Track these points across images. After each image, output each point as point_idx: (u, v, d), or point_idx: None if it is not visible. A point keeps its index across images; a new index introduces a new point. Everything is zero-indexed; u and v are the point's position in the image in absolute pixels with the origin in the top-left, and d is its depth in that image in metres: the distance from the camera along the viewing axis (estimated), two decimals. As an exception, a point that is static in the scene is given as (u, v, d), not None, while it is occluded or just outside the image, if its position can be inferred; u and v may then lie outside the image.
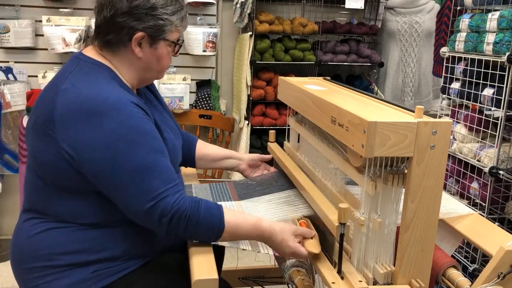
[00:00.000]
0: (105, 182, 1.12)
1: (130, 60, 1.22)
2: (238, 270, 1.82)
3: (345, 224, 1.05)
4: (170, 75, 2.83)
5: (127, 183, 1.10)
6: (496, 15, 2.08)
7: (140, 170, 1.10)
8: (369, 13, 3.19)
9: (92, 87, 1.13)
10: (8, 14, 2.63)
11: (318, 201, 1.22)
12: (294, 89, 1.45)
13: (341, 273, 1.07)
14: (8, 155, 2.62)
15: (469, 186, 2.29)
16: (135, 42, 1.19)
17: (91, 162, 1.10)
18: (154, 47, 1.23)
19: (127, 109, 1.12)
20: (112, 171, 1.10)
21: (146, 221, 1.13)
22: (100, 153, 1.09)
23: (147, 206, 1.10)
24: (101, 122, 1.09)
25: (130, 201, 1.11)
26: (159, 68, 1.28)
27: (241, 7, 2.74)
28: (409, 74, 3.20)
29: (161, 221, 1.11)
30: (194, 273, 1.08)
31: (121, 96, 1.14)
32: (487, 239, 1.18)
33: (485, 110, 2.28)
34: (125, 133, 1.10)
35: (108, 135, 1.09)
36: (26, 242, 1.20)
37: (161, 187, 1.12)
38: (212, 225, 1.15)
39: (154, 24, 1.19)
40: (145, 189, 1.10)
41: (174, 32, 1.25)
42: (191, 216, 1.13)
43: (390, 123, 0.95)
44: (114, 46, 1.21)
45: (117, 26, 1.18)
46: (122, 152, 1.10)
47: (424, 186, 1.00)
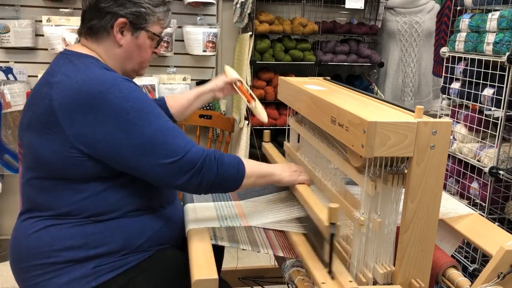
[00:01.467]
0: (127, 158, 1.14)
1: (113, 49, 1.25)
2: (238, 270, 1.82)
3: (335, 224, 1.04)
4: (170, 75, 2.83)
5: (152, 149, 1.13)
6: (496, 15, 2.08)
7: (158, 133, 1.14)
8: (369, 13, 3.19)
9: (86, 73, 1.15)
10: (8, 14, 2.63)
11: (310, 201, 1.22)
12: (294, 89, 1.45)
13: (332, 273, 1.06)
14: (8, 155, 2.62)
15: (469, 186, 2.29)
16: (117, 28, 1.23)
17: (108, 143, 1.12)
18: (136, 36, 1.26)
19: (125, 84, 1.16)
20: (132, 142, 1.13)
21: (182, 174, 1.16)
22: (114, 131, 1.12)
23: (178, 162, 1.14)
24: (104, 102, 1.11)
25: (159, 163, 1.14)
26: (139, 59, 1.30)
27: (241, 7, 2.74)
28: (409, 74, 3.20)
29: (195, 170, 1.16)
30: (194, 273, 1.08)
31: (115, 75, 1.19)
32: (487, 239, 1.18)
33: (485, 110, 2.28)
34: (132, 105, 1.13)
35: (116, 112, 1.12)
36: (25, 241, 1.20)
37: (182, 142, 1.17)
38: (235, 161, 1.24)
39: (136, 11, 1.23)
40: (169, 148, 1.15)
41: (156, 25, 1.29)
42: (219, 157, 1.20)
43: (390, 123, 0.95)
44: (97, 32, 1.24)
45: (101, 11, 1.22)
46: (135, 122, 1.13)
47: (424, 186, 1.00)
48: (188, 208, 1.40)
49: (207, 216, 1.34)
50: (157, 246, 1.28)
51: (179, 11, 2.82)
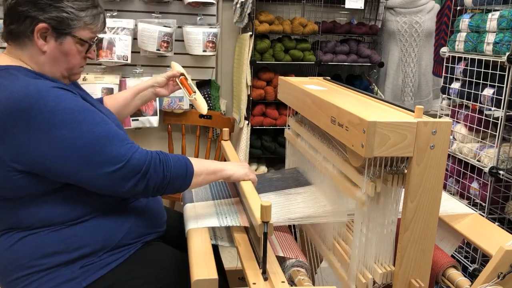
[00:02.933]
0: (67, 171, 1.10)
1: (36, 55, 1.18)
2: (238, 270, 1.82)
3: (268, 222, 1.03)
4: (170, 75, 2.83)
5: (88, 162, 1.09)
6: (496, 15, 2.08)
7: (94, 144, 1.09)
8: (369, 13, 3.19)
9: (8, 89, 1.08)
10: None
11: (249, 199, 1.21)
12: (294, 89, 1.45)
13: (266, 273, 1.06)
14: None
15: (469, 186, 2.29)
16: (37, 33, 1.15)
17: (43, 160, 1.08)
18: (60, 42, 1.18)
19: (51, 95, 1.09)
20: (68, 158, 1.08)
21: (126, 181, 1.11)
22: (47, 148, 1.07)
23: (120, 170, 1.10)
24: (32, 119, 1.06)
25: (100, 176, 1.10)
26: (66, 66, 1.22)
27: (241, 7, 2.74)
28: (409, 74, 3.20)
29: (137, 176, 1.11)
30: (194, 273, 1.08)
31: (38, 85, 1.10)
32: (487, 239, 1.18)
33: (485, 110, 2.28)
34: (61, 118, 1.07)
35: (46, 128, 1.06)
36: (4, 256, 1.18)
37: (122, 149, 1.11)
38: (181, 162, 1.19)
39: (56, 16, 1.15)
40: (107, 158, 1.09)
41: (84, 30, 1.21)
42: (164, 160, 1.16)
43: (390, 123, 0.95)
44: (18, 37, 1.17)
45: (20, 15, 1.15)
46: (68, 136, 1.07)
47: (424, 186, 1.00)
48: (188, 208, 1.40)
49: (207, 216, 1.34)
50: (140, 237, 1.27)
51: (179, 11, 2.82)
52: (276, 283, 1.02)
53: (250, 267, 1.11)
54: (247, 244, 1.21)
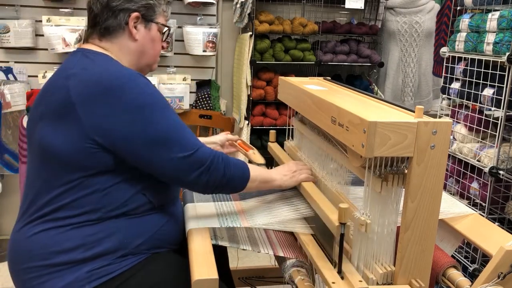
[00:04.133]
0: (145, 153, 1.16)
1: (128, 44, 1.29)
2: (238, 270, 1.82)
3: (345, 224, 1.05)
4: (170, 75, 2.83)
5: (165, 143, 1.16)
6: (496, 15, 2.08)
7: (170, 129, 1.18)
8: (369, 13, 3.19)
9: (104, 66, 1.20)
10: (8, 14, 2.63)
11: (318, 201, 1.22)
12: (294, 89, 1.45)
13: (341, 273, 1.07)
14: (8, 155, 2.62)
15: (469, 186, 2.29)
16: (131, 22, 1.27)
17: (124, 138, 1.14)
18: (148, 28, 1.31)
19: (141, 80, 1.19)
20: (148, 139, 1.15)
21: (192, 171, 1.19)
22: (129, 126, 1.14)
23: (189, 158, 1.17)
24: (120, 96, 1.14)
25: (174, 157, 1.17)
26: (153, 52, 1.34)
27: (241, 7, 2.74)
28: (409, 74, 3.20)
29: (204, 168, 1.19)
30: (194, 273, 1.08)
31: (130, 71, 1.21)
32: (487, 239, 1.18)
33: (485, 110, 2.28)
34: (145, 101, 1.16)
35: (130, 106, 1.14)
36: (23, 244, 1.20)
37: (192, 139, 1.21)
38: (241, 165, 1.28)
39: (146, 4, 1.29)
40: (182, 142, 1.18)
41: (161, 16, 1.34)
42: (224, 158, 1.24)
43: (390, 123, 0.95)
44: (113, 31, 1.28)
45: (114, 10, 1.26)
46: (148, 117, 1.15)
47: (424, 186, 1.00)
48: (188, 208, 1.40)
49: (208, 216, 1.34)
50: (154, 249, 1.27)
51: (179, 11, 2.82)
52: (354, 282, 1.03)
53: (324, 266, 1.11)
54: (315, 244, 1.22)
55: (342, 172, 1.24)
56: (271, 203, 1.41)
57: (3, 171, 2.65)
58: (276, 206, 1.39)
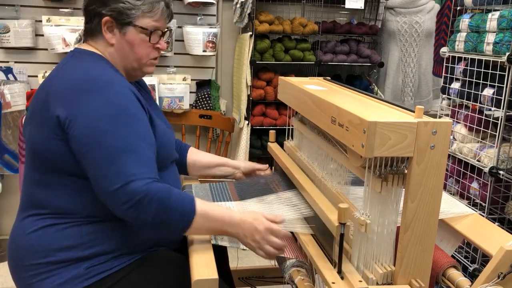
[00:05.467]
0: (84, 159, 1.13)
1: (107, 49, 1.27)
2: (238, 270, 1.82)
3: (345, 224, 1.05)
4: (170, 75, 2.83)
5: (102, 162, 1.11)
6: (496, 15, 2.08)
7: (118, 149, 1.11)
8: (369, 13, 3.19)
9: (84, 68, 1.20)
10: (8, 14, 2.63)
11: (318, 201, 1.22)
12: (294, 89, 1.45)
13: (341, 273, 1.07)
14: (8, 155, 2.62)
15: (469, 186, 2.29)
16: (104, 27, 1.25)
17: (75, 137, 1.13)
18: (123, 32, 1.26)
19: (116, 88, 1.16)
20: (91, 148, 1.11)
21: (115, 203, 1.11)
22: (84, 130, 1.12)
23: (116, 186, 1.09)
24: (90, 99, 1.13)
25: (101, 180, 1.11)
26: (134, 56, 1.28)
27: (241, 7, 2.74)
28: (409, 74, 3.20)
29: (129, 203, 1.09)
30: (194, 273, 1.08)
31: (112, 77, 1.19)
32: (487, 239, 1.18)
33: (485, 110, 2.28)
34: (110, 112, 1.13)
35: (94, 113, 1.12)
36: (23, 240, 1.20)
37: (134, 169, 1.10)
38: (183, 207, 1.14)
39: (115, 7, 1.23)
40: (118, 169, 1.10)
41: (144, 18, 1.26)
42: (162, 198, 1.11)
43: (390, 123, 0.95)
44: (93, 34, 1.28)
45: (90, 14, 1.26)
46: (104, 129, 1.12)
47: (424, 186, 1.00)
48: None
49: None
50: (152, 248, 1.27)
51: (179, 11, 2.82)
52: (354, 282, 1.02)
53: (324, 266, 1.11)
54: (315, 244, 1.22)
55: (342, 172, 1.24)
56: (271, 203, 1.41)
57: (3, 171, 2.65)
58: (276, 206, 1.39)
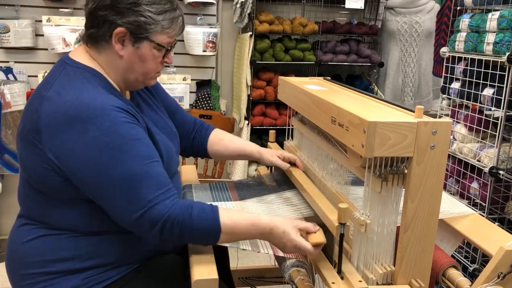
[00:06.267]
0: (93, 192, 1.10)
1: (113, 59, 1.18)
2: (238, 270, 1.82)
3: (345, 224, 1.05)
4: (170, 75, 2.83)
5: (113, 193, 1.07)
6: (496, 15, 2.08)
7: (126, 179, 1.06)
8: (369, 13, 3.19)
9: (76, 94, 1.09)
10: (8, 14, 2.63)
11: (318, 201, 1.22)
12: (294, 89, 1.45)
13: (341, 273, 1.07)
14: (8, 155, 2.62)
15: (469, 186, 2.29)
16: (115, 37, 1.15)
17: (76, 172, 1.08)
18: (137, 46, 1.17)
19: (111, 115, 1.08)
20: (98, 181, 1.07)
21: (138, 230, 1.11)
22: (84, 163, 1.07)
23: (136, 215, 1.06)
24: (84, 130, 1.06)
25: (119, 211, 1.08)
26: (142, 71, 1.21)
27: (241, 7, 2.74)
28: (409, 74, 3.20)
29: (152, 230, 1.08)
30: (194, 273, 1.08)
31: (104, 102, 1.10)
32: (487, 239, 1.18)
33: (485, 110, 2.28)
34: (108, 141, 1.06)
35: (91, 144, 1.06)
36: (20, 248, 1.18)
37: (150, 195, 1.07)
38: (208, 228, 1.11)
39: (134, 20, 1.14)
40: (132, 198, 1.06)
41: (162, 34, 1.19)
42: (183, 222, 1.08)
43: (390, 123, 0.95)
44: (97, 41, 1.18)
45: (99, 20, 1.15)
46: (106, 161, 1.06)
47: (424, 186, 1.00)
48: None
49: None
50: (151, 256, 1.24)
51: (179, 11, 2.81)
52: (354, 282, 1.03)
53: (324, 267, 1.11)
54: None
55: (342, 172, 1.23)
56: (271, 203, 1.41)
57: (3, 171, 2.65)
58: (276, 206, 1.39)
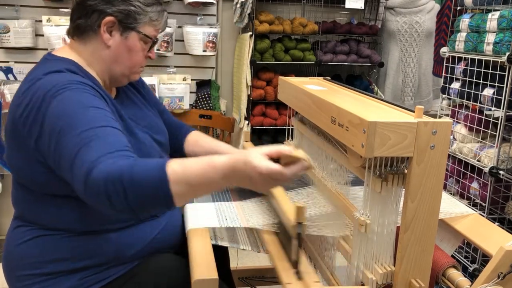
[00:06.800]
0: (55, 164, 1.04)
1: (100, 50, 1.18)
2: (238, 270, 1.82)
3: (302, 223, 1.04)
4: (170, 75, 2.83)
5: (67, 160, 0.98)
6: (496, 15, 2.08)
7: (77, 143, 0.97)
8: (369, 13, 3.19)
9: (48, 76, 1.08)
10: (8, 14, 2.63)
11: (279, 199, 1.20)
12: (294, 89, 1.45)
13: (299, 273, 1.06)
14: (8, 155, 2.62)
15: (469, 186, 2.29)
16: (104, 27, 1.16)
17: (44, 147, 1.05)
18: (125, 36, 1.18)
19: (72, 86, 1.06)
20: (55, 149, 1.01)
21: (90, 201, 0.95)
22: (47, 136, 1.03)
23: (83, 180, 0.93)
24: (49, 104, 1.04)
25: (74, 180, 0.97)
26: (129, 63, 1.21)
27: (241, 7, 2.74)
28: (409, 74, 3.20)
29: (100, 196, 0.91)
30: (194, 273, 1.08)
31: (70, 78, 1.08)
32: (487, 239, 1.18)
33: (485, 110, 2.28)
34: (66, 109, 1.02)
35: (52, 115, 1.03)
36: (16, 250, 1.18)
37: (95, 155, 0.93)
38: (153, 177, 0.90)
39: (124, 9, 1.16)
40: (79, 163, 0.95)
41: (149, 26, 1.20)
42: (123, 175, 0.90)
43: (390, 123, 0.95)
44: (84, 32, 1.18)
45: (88, 9, 1.16)
46: (61, 128, 1.00)
47: (424, 186, 1.00)
48: (188, 208, 1.40)
49: (207, 216, 1.34)
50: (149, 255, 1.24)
51: (179, 11, 2.82)
52: (310, 282, 1.03)
53: (282, 267, 1.11)
54: (277, 245, 1.21)
55: (342, 172, 1.23)
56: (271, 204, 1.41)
57: (3, 171, 2.65)
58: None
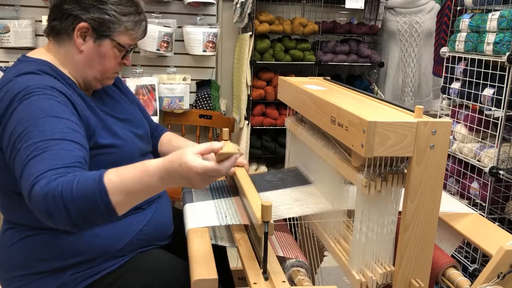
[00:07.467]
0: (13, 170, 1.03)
1: (72, 54, 1.19)
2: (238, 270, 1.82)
3: (268, 222, 1.03)
4: (170, 75, 2.83)
5: (19, 168, 0.98)
6: (496, 15, 2.08)
7: (29, 153, 0.97)
8: (369, 13, 3.19)
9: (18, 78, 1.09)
10: (8, 14, 2.63)
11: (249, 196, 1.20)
12: (294, 89, 1.45)
13: (266, 273, 1.06)
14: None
15: (469, 186, 2.29)
16: (77, 32, 1.17)
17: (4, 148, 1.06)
18: (98, 43, 1.19)
19: (40, 91, 1.06)
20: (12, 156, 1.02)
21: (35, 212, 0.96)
22: (8, 140, 1.04)
23: (27, 193, 0.94)
24: (15, 108, 1.04)
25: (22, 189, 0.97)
26: (100, 68, 1.22)
27: (241, 7, 2.74)
28: (409, 74, 3.20)
29: (42, 210, 0.93)
30: (194, 273, 1.08)
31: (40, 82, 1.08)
32: (487, 239, 1.18)
33: (485, 110, 2.28)
34: (28, 114, 1.02)
35: (15, 119, 1.03)
36: (6, 252, 1.19)
37: (40, 169, 0.94)
38: (92, 189, 0.92)
39: (98, 17, 1.17)
40: (27, 176, 0.95)
41: (124, 35, 1.21)
42: (64, 191, 0.91)
43: (389, 123, 0.95)
44: (59, 34, 1.19)
45: (64, 13, 1.17)
46: (19, 134, 1.01)
47: (424, 186, 1.00)
48: (188, 208, 1.39)
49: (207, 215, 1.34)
50: (139, 249, 1.25)
51: (179, 11, 2.82)
52: (277, 283, 1.02)
53: (250, 267, 1.10)
54: (248, 243, 1.21)
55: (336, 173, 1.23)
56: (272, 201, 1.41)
57: None
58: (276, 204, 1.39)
